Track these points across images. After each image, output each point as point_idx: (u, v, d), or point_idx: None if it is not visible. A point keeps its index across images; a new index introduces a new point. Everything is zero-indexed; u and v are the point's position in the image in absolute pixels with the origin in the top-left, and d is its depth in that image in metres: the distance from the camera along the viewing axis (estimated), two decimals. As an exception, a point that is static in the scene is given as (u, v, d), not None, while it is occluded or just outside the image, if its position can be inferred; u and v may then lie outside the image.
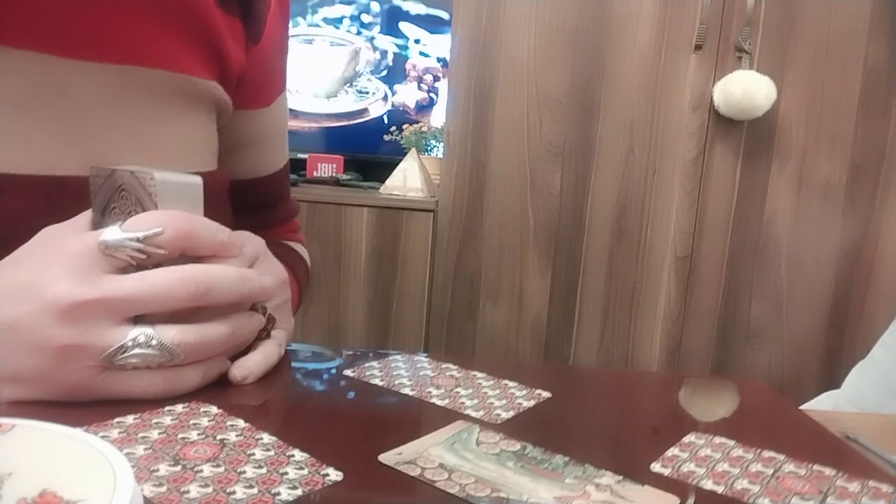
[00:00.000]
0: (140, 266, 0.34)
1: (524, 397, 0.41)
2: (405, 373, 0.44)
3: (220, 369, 0.39)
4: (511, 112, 1.50)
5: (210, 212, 0.38)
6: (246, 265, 0.40)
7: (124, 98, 0.43)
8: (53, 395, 0.33)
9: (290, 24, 0.59)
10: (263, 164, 0.62)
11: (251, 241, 0.42)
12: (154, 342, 0.33)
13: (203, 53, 0.48)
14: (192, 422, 0.33)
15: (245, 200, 0.60)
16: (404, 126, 1.89)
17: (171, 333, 0.34)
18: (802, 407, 0.47)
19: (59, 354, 0.32)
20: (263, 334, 0.42)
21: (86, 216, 0.36)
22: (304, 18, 1.87)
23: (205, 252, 0.37)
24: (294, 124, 1.87)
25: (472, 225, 1.53)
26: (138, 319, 0.34)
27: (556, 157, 1.51)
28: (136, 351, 0.33)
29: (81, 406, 0.33)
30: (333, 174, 1.77)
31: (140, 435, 0.31)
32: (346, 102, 1.90)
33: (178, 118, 0.47)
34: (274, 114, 0.60)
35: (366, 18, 1.88)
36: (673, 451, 0.35)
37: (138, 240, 0.33)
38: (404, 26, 1.89)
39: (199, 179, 0.37)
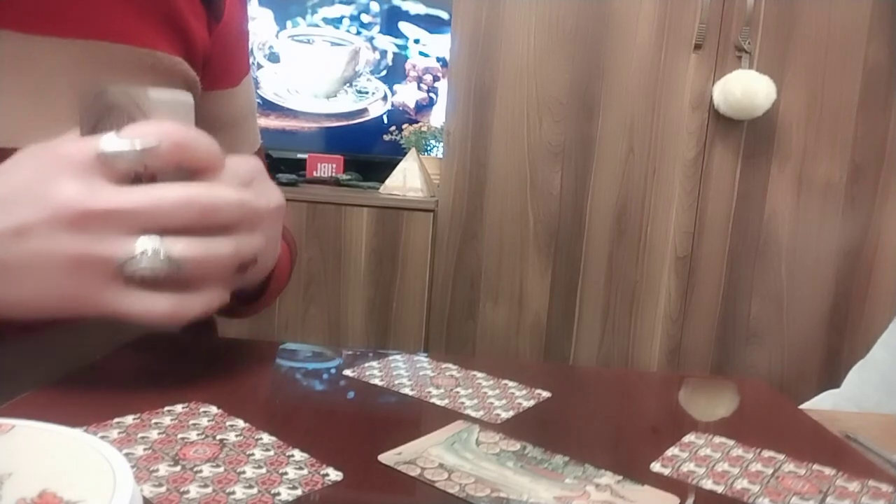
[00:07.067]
0: (136, 178, 0.33)
1: (524, 397, 0.41)
2: (405, 373, 0.44)
3: (222, 299, 0.38)
4: (511, 112, 1.50)
5: None
6: (240, 183, 0.39)
7: (89, 73, 0.43)
8: (62, 309, 0.33)
9: (249, 9, 0.61)
10: (237, 147, 0.63)
11: (248, 162, 0.41)
12: (162, 254, 0.33)
13: (166, 30, 0.48)
14: (191, 422, 0.33)
15: None
16: (404, 126, 1.89)
17: (178, 246, 0.33)
18: (802, 407, 0.47)
19: (72, 263, 0.31)
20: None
21: (72, 134, 0.35)
22: (304, 18, 1.87)
23: (201, 164, 0.36)
24: (294, 124, 1.87)
25: (472, 225, 1.53)
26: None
27: (556, 157, 1.51)
28: (146, 261, 0.32)
29: (81, 406, 0.33)
30: (333, 174, 1.77)
31: (139, 435, 0.31)
32: (346, 102, 1.90)
33: None
34: (242, 95, 0.62)
35: (365, 18, 1.88)
36: (673, 451, 0.34)
37: (136, 149, 0.32)
38: (404, 26, 1.89)
39: (189, 96, 0.36)
